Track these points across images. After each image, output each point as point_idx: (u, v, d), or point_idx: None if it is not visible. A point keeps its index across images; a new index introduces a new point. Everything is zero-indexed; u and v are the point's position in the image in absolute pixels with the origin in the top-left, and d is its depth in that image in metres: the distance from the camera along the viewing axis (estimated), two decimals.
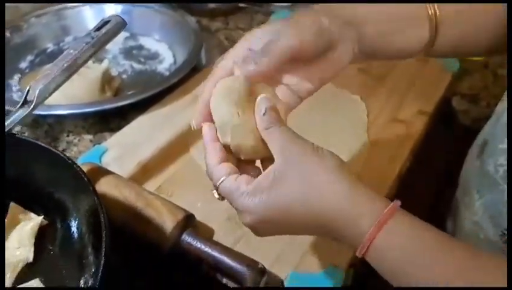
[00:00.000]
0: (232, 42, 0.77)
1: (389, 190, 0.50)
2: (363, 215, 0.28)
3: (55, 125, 0.59)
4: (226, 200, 0.33)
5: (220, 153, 0.32)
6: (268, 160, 0.32)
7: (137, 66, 0.71)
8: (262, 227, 0.32)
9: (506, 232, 0.36)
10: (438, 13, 0.35)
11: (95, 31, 0.44)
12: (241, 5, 0.84)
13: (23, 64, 0.70)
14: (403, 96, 0.62)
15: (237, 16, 0.84)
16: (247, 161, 0.34)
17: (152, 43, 0.75)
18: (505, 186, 0.36)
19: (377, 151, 0.54)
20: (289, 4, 0.88)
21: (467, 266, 0.27)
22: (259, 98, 0.32)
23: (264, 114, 0.31)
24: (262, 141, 0.32)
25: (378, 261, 0.29)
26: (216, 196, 0.33)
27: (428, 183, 0.58)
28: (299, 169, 0.29)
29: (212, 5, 0.83)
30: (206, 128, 0.33)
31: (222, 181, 0.31)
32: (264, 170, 0.33)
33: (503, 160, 0.37)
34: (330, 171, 0.29)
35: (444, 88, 0.65)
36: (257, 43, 0.33)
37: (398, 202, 0.29)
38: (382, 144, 0.55)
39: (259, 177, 0.30)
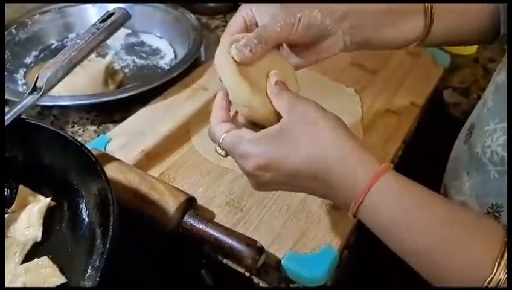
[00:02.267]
0: None
1: None
2: (358, 168, 0.31)
3: (60, 116, 0.61)
4: (229, 157, 0.36)
5: (222, 114, 0.36)
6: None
7: (139, 61, 0.73)
8: (262, 175, 0.33)
9: (490, 211, 0.38)
10: (433, 5, 0.37)
11: (100, 23, 0.47)
12: (240, 4, 0.87)
13: (28, 60, 0.72)
14: (396, 89, 0.65)
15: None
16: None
17: (153, 39, 0.78)
18: (492, 167, 0.38)
19: (371, 140, 0.56)
20: None
21: (447, 221, 0.29)
22: (271, 72, 0.36)
23: (275, 84, 0.35)
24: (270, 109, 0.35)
25: (369, 217, 0.31)
26: (220, 152, 0.35)
27: (419, 171, 0.60)
28: (303, 122, 0.32)
29: (211, 4, 0.86)
30: (219, 95, 0.37)
31: (225, 135, 0.34)
32: None
33: (489, 141, 0.38)
34: (332, 126, 0.32)
35: (436, 82, 0.67)
36: (258, 14, 0.37)
37: (391, 163, 0.31)
38: (375, 133, 0.58)
39: (266, 129, 0.33)
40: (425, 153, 0.61)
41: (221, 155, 0.36)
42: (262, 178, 0.34)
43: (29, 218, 0.41)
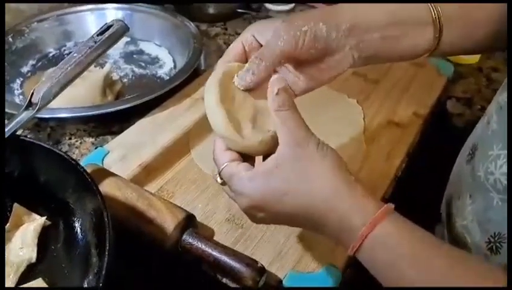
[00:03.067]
0: None
1: (385, 192, 0.51)
2: (355, 214, 0.30)
3: (57, 128, 0.60)
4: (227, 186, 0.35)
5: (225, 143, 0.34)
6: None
7: (138, 71, 0.72)
8: (257, 213, 0.33)
9: (492, 240, 0.37)
10: (441, 14, 0.36)
11: (97, 35, 0.46)
12: (240, 10, 0.86)
13: (25, 69, 0.71)
14: (398, 100, 0.64)
15: (236, 21, 0.86)
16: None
17: (152, 48, 0.77)
18: (495, 194, 0.36)
19: (373, 153, 0.55)
20: (287, 9, 0.89)
21: (450, 273, 0.28)
22: (273, 77, 0.34)
23: (276, 94, 0.32)
24: (261, 144, 0.33)
25: (369, 261, 0.30)
26: (218, 180, 0.35)
27: (423, 185, 0.59)
28: (298, 161, 0.31)
29: (211, 11, 0.85)
30: None
31: (224, 166, 0.33)
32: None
33: (493, 168, 0.36)
34: (328, 169, 0.31)
35: (439, 92, 0.66)
36: (261, 32, 0.35)
37: (391, 205, 0.30)
38: (378, 146, 0.56)
39: (260, 165, 0.32)
40: (428, 165, 0.60)
41: (220, 183, 0.35)
42: (257, 216, 0.33)
43: (23, 238, 0.40)
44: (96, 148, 0.57)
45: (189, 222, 0.44)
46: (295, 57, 0.34)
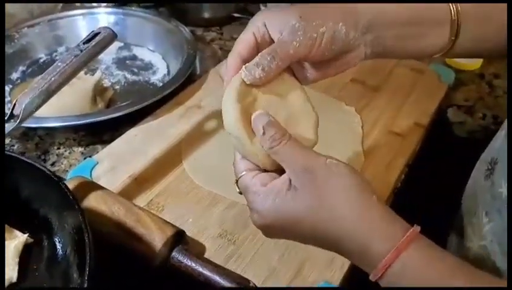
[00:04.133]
0: (227, 52, 0.77)
1: (385, 203, 0.49)
2: (376, 241, 0.27)
3: (46, 137, 0.58)
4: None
5: None
6: None
7: (131, 77, 0.70)
8: (270, 231, 0.32)
9: None
10: (460, 14, 0.34)
11: (84, 43, 0.44)
12: (236, 15, 0.84)
13: (14, 75, 0.69)
14: (398, 108, 0.62)
15: (232, 26, 0.84)
16: None
17: (146, 53, 0.75)
18: None
19: (372, 164, 0.54)
20: None
21: None
22: (253, 116, 0.31)
23: (263, 134, 0.30)
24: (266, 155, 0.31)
25: (392, 286, 0.28)
26: (237, 189, 0.33)
27: (424, 197, 0.57)
28: (315, 186, 0.29)
29: (206, 15, 0.83)
30: None
31: (241, 176, 0.31)
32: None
33: None
34: (347, 190, 0.28)
35: (440, 99, 0.64)
36: (272, 23, 0.32)
37: (417, 228, 0.28)
38: (377, 157, 0.55)
39: (275, 180, 0.30)
40: (429, 176, 0.58)
41: (238, 192, 0.33)
42: (268, 232, 0.32)
43: (4, 256, 0.38)
44: (85, 158, 0.55)
45: (179, 238, 0.42)
46: (309, 58, 0.32)
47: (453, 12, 0.34)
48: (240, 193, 0.33)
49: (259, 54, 0.32)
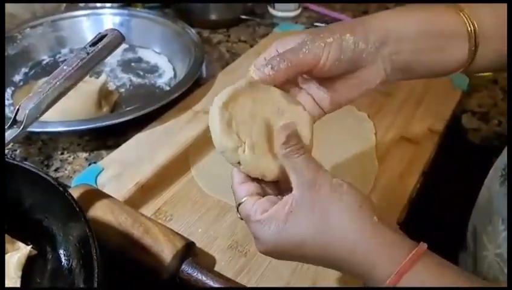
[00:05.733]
0: (234, 55, 0.76)
1: (401, 213, 0.48)
2: (378, 263, 0.27)
3: (49, 142, 0.57)
4: None
5: (242, 175, 0.32)
6: (286, 181, 0.31)
7: (136, 80, 0.68)
8: (274, 256, 0.31)
9: None
10: (477, 28, 0.33)
11: (90, 46, 0.42)
12: (243, 17, 0.82)
13: (16, 77, 0.67)
14: (411, 114, 0.60)
15: (239, 28, 0.82)
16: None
17: (151, 55, 0.73)
18: None
19: (387, 172, 0.52)
20: (292, 15, 0.86)
21: None
22: (278, 126, 0.31)
23: (284, 142, 0.30)
24: (273, 164, 0.31)
25: None
26: (237, 215, 0.32)
27: (438, 205, 0.56)
28: (315, 206, 0.28)
29: (213, 17, 0.81)
30: None
31: (242, 202, 0.31)
32: (281, 191, 0.32)
33: None
34: (347, 211, 0.28)
35: (454, 105, 0.62)
36: (284, 46, 0.33)
37: (423, 247, 0.27)
38: (391, 164, 0.53)
39: (275, 206, 0.29)
40: (444, 186, 0.57)
41: (239, 217, 0.32)
42: (274, 256, 0.31)
43: (6, 269, 0.36)
44: (89, 164, 0.54)
45: (188, 250, 0.40)
46: (321, 70, 0.32)
47: (468, 26, 0.33)
48: (242, 219, 0.32)
49: (270, 57, 0.32)
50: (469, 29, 0.33)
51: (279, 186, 0.33)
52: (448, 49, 0.34)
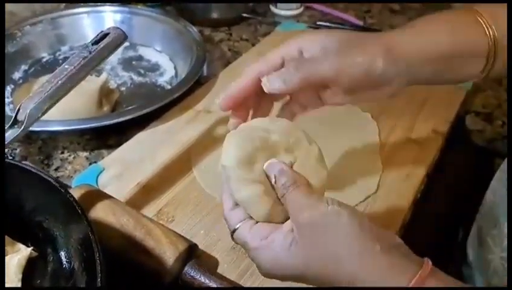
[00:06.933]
0: (236, 53, 0.75)
1: (405, 215, 0.47)
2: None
3: (49, 141, 0.56)
4: None
5: (232, 202, 0.31)
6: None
7: (137, 79, 0.68)
8: (278, 278, 0.31)
9: None
10: (496, 39, 0.33)
11: (92, 44, 0.41)
12: (245, 15, 0.82)
13: (16, 75, 0.66)
14: (415, 115, 0.60)
15: (241, 26, 0.82)
16: None
17: (152, 53, 0.72)
18: None
19: (391, 174, 0.51)
20: (295, 14, 0.85)
21: None
22: (266, 164, 0.30)
23: (275, 182, 0.30)
24: (273, 209, 0.30)
25: None
26: (233, 241, 0.32)
27: (445, 208, 0.55)
28: (313, 235, 0.28)
29: (215, 15, 0.80)
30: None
31: (236, 230, 0.30)
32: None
33: None
34: (346, 239, 0.27)
35: (458, 106, 0.62)
36: (307, 49, 0.32)
37: (426, 270, 0.26)
38: (395, 166, 0.52)
39: (273, 234, 0.29)
40: (447, 187, 0.56)
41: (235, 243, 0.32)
42: (276, 278, 0.31)
43: (6, 272, 0.35)
44: (90, 163, 0.53)
45: (191, 252, 0.40)
46: (336, 84, 0.31)
47: (489, 41, 0.33)
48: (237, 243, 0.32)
49: (285, 66, 0.32)
50: (489, 41, 0.33)
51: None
52: (466, 67, 0.34)
